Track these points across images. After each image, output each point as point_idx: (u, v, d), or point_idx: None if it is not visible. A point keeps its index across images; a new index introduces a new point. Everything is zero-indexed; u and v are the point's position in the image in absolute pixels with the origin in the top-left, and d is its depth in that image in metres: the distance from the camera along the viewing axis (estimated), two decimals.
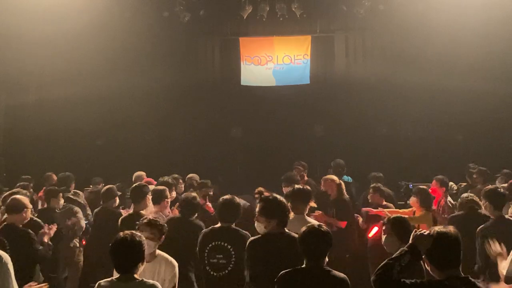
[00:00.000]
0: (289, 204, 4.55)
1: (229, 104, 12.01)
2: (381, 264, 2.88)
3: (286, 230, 4.01)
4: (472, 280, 2.91)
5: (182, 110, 11.77)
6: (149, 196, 5.55)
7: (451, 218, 5.54)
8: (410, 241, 2.95)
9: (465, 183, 8.19)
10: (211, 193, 6.84)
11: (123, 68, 11.12)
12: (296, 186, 5.03)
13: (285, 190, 6.69)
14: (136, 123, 11.67)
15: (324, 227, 3.54)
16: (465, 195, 5.81)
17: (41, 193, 7.38)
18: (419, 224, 5.45)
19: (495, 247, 4.26)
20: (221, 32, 12.06)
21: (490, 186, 5.35)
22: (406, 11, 10.30)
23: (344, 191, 6.80)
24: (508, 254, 4.10)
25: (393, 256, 2.91)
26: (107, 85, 11.01)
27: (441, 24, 10.11)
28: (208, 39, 12.24)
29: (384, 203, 6.77)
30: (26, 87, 11.12)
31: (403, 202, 8.26)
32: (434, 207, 6.59)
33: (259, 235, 4.06)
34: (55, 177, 8.23)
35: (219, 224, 4.50)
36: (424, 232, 2.97)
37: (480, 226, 4.89)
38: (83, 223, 6.47)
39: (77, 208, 6.54)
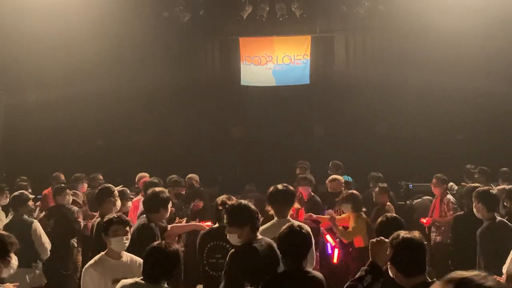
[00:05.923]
0: (270, 207, 4.48)
1: (229, 104, 12.00)
2: (345, 286, 2.78)
3: (260, 236, 3.76)
4: None
5: (182, 110, 11.78)
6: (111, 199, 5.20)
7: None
8: (370, 258, 2.84)
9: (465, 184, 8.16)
10: (183, 192, 6.82)
11: (123, 68, 11.13)
12: (278, 186, 4.48)
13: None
14: (136, 122, 11.68)
15: (305, 227, 3.35)
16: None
17: (46, 191, 7.56)
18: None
19: None
20: (221, 32, 12.05)
21: (482, 188, 5.19)
22: (406, 11, 10.31)
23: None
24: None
25: (355, 277, 2.80)
26: (107, 85, 11.02)
27: (441, 24, 10.10)
28: (208, 39, 12.23)
29: (388, 203, 6.78)
30: (26, 87, 11.11)
31: (403, 202, 8.28)
32: (437, 203, 6.64)
33: (238, 248, 3.67)
34: (63, 177, 8.25)
35: (217, 224, 4.50)
36: (380, 240, 2.84)
37: (478, 230, 4.86)
38: (82, 223, 6.47)
39: (76, 208, 6.55)
